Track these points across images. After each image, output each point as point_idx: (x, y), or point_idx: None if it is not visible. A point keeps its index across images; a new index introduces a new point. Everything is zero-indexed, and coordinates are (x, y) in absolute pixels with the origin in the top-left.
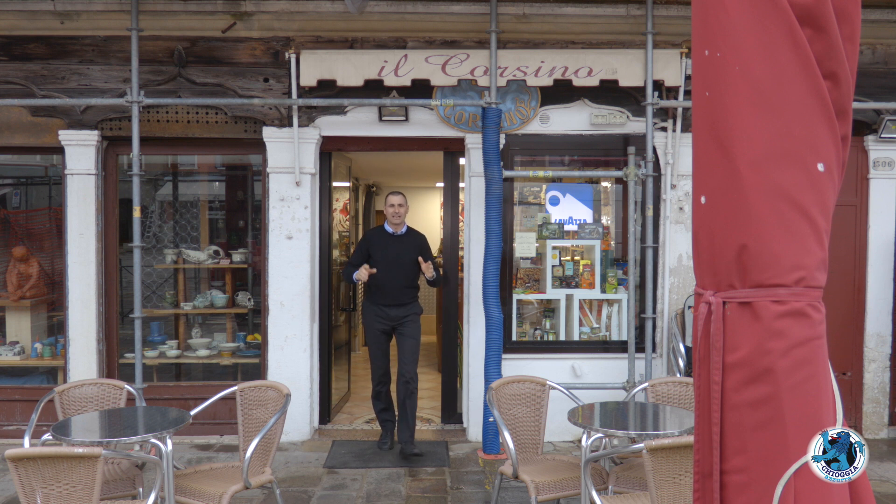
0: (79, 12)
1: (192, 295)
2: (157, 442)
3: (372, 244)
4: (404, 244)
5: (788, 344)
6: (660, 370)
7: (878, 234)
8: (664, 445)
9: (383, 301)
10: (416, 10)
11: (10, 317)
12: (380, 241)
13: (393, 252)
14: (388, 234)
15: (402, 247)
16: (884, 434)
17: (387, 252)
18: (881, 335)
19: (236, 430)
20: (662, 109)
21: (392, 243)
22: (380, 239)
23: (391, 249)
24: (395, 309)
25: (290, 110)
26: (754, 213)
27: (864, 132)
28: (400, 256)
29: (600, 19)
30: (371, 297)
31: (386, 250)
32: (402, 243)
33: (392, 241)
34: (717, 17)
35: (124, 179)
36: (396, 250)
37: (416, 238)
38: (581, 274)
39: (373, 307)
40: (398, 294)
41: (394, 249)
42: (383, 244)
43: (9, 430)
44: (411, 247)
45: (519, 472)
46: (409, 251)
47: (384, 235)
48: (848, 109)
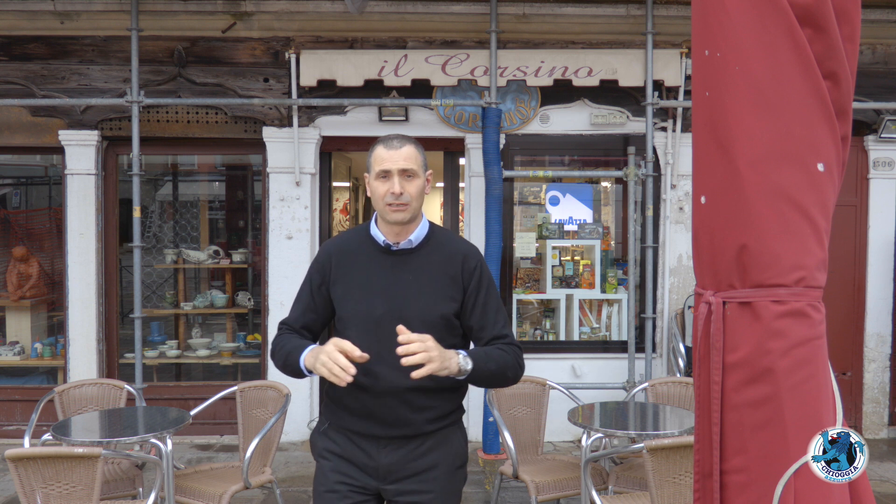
0: (79, 12)
1: (192, 295)
2: (157, 442)
3: (338, 273)
4: (421, 272)
5: (788, 344)
6: (660, 370)
7: (878, 234)
8: (664, 445)
9: (359, 426)
10: (416, 10)
11: (10, 317)
12: (358, 264)
13: (390, 294)
14: (377, 249)
15: (412, 280)
16: (884, 434)
17: (371, 294)
18: (881, 335)
19: (236, 430)
20: (662, 109)
21: (388, 271)
22: (358, 259)
23: (383, 287)
24: (388, 449)
25: (290, 110)
26: (754, 213)
27: (864, 132)
28: (407, 304)
29: (600, 19)
30: (332, 414)
31: (369, 290)
32: (413, 270)
33: (388, 267)
34: (717, 17)
35: (124, 179)
36: (398, 290)
37: (451, 258)
38: (581, 274)
39: (330, 441)
40: (400, 407)
41: (393, 289)
42: (365, 273)
43: (9, 430)
44: (437, 281)
45: (519, 472)
46: (431, 292)
47: (368, 251)
48: (848, 109)
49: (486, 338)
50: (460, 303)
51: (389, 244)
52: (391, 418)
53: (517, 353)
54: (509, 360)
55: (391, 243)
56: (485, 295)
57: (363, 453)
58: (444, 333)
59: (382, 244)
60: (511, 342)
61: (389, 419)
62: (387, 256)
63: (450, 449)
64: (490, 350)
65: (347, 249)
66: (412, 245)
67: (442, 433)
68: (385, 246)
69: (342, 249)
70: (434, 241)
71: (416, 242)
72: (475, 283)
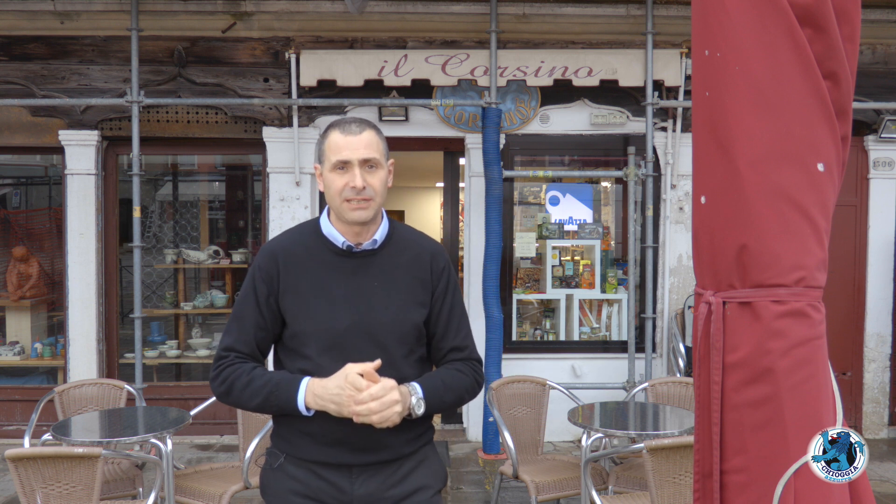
0: (79, 12)
1: (192, 295)
2: (157, 442)
3: (287, 281)
4: (387, 276)
5: (788, 344)
6: (660, 370)
7: (878, 234)
8: (664, 445)
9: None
10: (416, 10)
11: (10, 317)
12: (311, 269)
13: (354, 303)
14: (332, 252)
15: (377, 286)
16: (884, 434)
17: (331, 304)
18: (881, 335)
19: (236, 430)
20: (662, 109)
21: (349, 277)
22: (311, 264)
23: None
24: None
25: (290, 110)
26: (754, 213)
27: (864, 132)
28: (375, 314)
29: (600, 19)
30: (289, 445)
31: (329, 299)
32: (378, 275)
33: (349, 272)
34: (717, 17)
35: (124, 179)
36: (362, 298)
37: (418, 258)
38: (581, 274)
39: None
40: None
41: (357, 297)
42: (321, 280)
43: (9, 430)
44: (405, 285)
45: (519, 472)
46: (401, 298)
47: (322, 253)
48: (848, 109)
49: (446, 348)
50: (428, 308)
51: (351, 245)
52: (365, 442)
53: (476, 371)
54: (467, 383)
55: (352, 244)
56: (451, 299)
57: (332, 488)
58: (415, 344)
59: (342, 246)
60: (470, 356)
61: (363, 443)
62: (347, 259)
63: (429, 470)
64: (448, 377)
65: (295, 252)
66: (376, 245)
67: (421, 452)
68: (345, 248)
69: (289, 252)
70: (397, 240)
71: (380, 242)
72: (443, 285)
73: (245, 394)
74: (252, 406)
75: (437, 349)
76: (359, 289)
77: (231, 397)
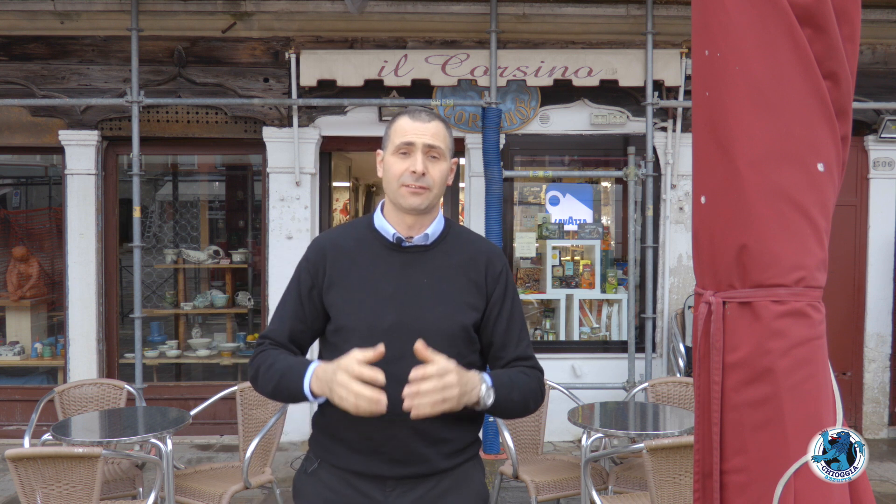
0: (79, 12)
1: (192, 295)
2: (157, 442)
3: (334, 275)
4: (438, 275)
5: (788, 344)
6: (660, 370)
7: (878, 234)
8: (664, 445)
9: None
10: (416, 10)
11: (10, 317)
12: (359, 263)
13: (401, 300)
14: (383, 246)
15: (427, 283)
16: (884, 434)
17: (377, 300)
18: (881, 335)
19: (236, 430)
20: (662, 109)
21: (398, 272)
22: (360, 258)
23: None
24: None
25: (290, 110)
26: (754, 213)
27: (864, 132)
28: (422, 313)
29: (600, 19)
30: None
31: (375, 295)
32: (429, 272)
33: (398, 267)
34: (717, 17)
35: (124, 179)
36: (410, 295)
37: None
38: (581, 274)
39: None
40: (412, 439)
41: (405, 294)
42: (369, 275)
43: (9, 430)
44: (457, 285)
45: (519, 472)
46: (451, 298)
47: (372, 247)
48: (848, 109)
49: (507, 358)
50: (482, 313)
51: (401, 238)
52: (401, 454)
53: (541, 380)
54: (533, 386)
55: (403, 237)
56: (510, 306)
57: (365, 499)
58: (464, 349)
59: (392, 239)
60: (535, 366)
61: (399, 455)
62: (396, 254)
63: (470, 490)
64: (515, 375)
65: (345, 246)
66: (428, 241)
67: (461, 470)
68: (395, 241)
69: (338, 246)
70: (452, 239)
71: (433, 238)
72: (500, 291)
73: (265, 378)
74: (269, 391)
75: (496, 359)
76: (407, 285)
77: (257, 383)
